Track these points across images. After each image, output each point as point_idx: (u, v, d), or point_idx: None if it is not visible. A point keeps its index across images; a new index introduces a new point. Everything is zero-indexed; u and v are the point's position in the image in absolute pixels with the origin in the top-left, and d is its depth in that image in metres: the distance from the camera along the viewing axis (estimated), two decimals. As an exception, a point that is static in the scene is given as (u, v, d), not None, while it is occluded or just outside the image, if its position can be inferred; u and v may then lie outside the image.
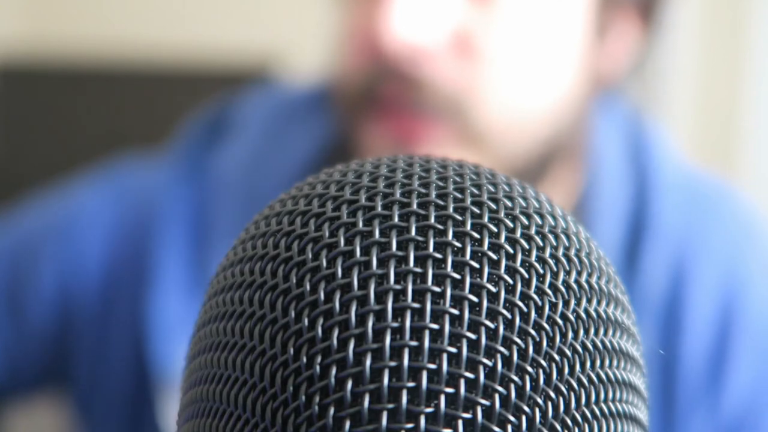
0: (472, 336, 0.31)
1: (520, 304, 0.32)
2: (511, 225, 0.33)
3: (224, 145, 0.78)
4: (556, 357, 0.31)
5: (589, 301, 0.33)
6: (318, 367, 0.31)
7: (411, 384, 0.30)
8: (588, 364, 0.32)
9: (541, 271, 0.32)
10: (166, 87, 1.74)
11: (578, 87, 0.71)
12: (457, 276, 0.31)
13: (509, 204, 0.33)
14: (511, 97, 0.68)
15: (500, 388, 0.31)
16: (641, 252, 0.71)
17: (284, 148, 0.77)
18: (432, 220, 0.32)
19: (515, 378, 0.31)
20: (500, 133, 0.68)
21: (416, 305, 0.31)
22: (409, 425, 0.30)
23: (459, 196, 0.33)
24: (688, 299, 0.71)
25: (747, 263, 0.73)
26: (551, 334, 0.32)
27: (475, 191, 0.33)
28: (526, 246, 0.33)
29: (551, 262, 0.33)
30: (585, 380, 0.32)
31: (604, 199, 0.73)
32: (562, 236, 0.33)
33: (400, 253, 0.32)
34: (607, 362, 0.33)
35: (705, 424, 0.69)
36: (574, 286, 0.33)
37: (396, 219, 0.32)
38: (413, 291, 0.31)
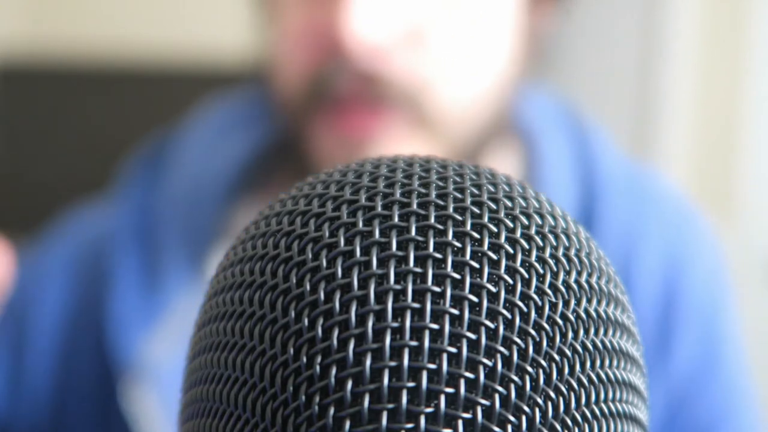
0: (472, 336, 0.31)
1: (520, 304, 0.32)
2: (511, 225, 0.33)
3: (166, 180, 0.79)
4: (556, 357, 0.31)
5: (589, 301, 0.33)
6: (318, 367, 0.31)
7: (411, 384, 0.30)
8: (588, 364, 0.32)
9: (541, 271, 0.32)
10: (165, 87, 1.74)
11: (516, 59, 0.72)
12: (457, 276, 0.31)
13: (509, 204, 0.33)
14: (461, 83, 0.69)
15: (500, 388, 0.31)
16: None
17: (222, 156, 0.77)
18: (432, 220, 0.32)
19: (515, 378, 0.31)
20: (452, 118, 0.69)
21: (416, 305, 0.31)
22: (409, 425, 0.30)
23: (459, 196, 0.33)
24: (635, 280, 0.74)
25: (686, 246, 0.77)
26: (551, 334, 0.32)
27: (475, 191, 0.33)
28: (526, 246, 0.33)
29: (551, 262, 0.33)
30: (585, 380, 0.32)
31: (551, 183, 0.74)
32: (562, 236, 0.33)
33: (400, 253, 0.32)
34: (607, 362, 0.33)
35: (656, 396, 0.72)
36: (574, 286, 0.33)
37: (396, 219, 0.32)
38: (413, 291, 0.31)
